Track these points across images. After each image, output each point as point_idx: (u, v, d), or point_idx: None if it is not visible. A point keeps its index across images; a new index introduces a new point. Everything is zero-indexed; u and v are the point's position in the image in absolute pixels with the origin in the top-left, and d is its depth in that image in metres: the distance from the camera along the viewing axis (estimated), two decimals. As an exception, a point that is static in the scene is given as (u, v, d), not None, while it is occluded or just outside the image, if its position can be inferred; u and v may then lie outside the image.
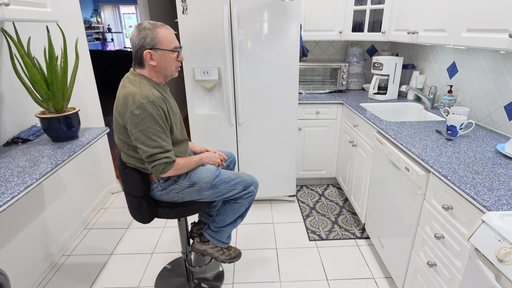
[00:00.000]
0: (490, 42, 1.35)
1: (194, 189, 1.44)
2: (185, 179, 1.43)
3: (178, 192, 1.44)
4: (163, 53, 1.29)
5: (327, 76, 2.97)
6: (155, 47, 1.27)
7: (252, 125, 2.34)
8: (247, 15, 2.05)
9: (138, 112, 1.22)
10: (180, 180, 1.43)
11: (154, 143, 1.26)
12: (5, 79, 1.63)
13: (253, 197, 1.58)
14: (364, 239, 2.17)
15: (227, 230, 1.63)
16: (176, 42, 1.33)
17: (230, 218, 1.59)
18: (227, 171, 1.56)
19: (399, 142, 1.57)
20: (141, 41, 1.27)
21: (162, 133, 1.28)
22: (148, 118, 1.23)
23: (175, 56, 1.33)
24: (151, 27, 1.27)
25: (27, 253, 1.75)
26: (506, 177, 1.18)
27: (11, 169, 1.28)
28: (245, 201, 1.56)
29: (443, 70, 2.19)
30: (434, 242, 1.30)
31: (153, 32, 1.26)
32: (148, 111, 1.23)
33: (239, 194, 1.52)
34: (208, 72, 2.17)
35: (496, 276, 0.86)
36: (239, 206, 1.57)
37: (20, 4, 1.31)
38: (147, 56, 1.27)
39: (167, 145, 1.31)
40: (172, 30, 1.34)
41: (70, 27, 2.23)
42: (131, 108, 1.23)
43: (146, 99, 1.23)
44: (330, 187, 2.89)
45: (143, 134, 1.25)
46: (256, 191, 1.58)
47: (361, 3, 2.52)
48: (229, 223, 1.61)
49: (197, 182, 1.44)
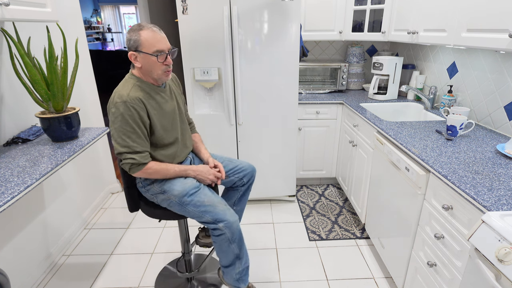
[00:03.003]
0: (490, 42, 1.35)
1: (164, 197, 1.40)
2: (158, 184, 1.40)
3: (153, 195, 1.43)
4: (145, 56, 1.28)
5: (327, 76, 2.97)
6: (138, 49, 1.28)
7: (252, 125, 2.34)
8: (247, 15, 2.05)
9: (113, 111, 1.27)
10: (155, 183, 1.41)
11: (123, 142, 1.28)
12: (5, 79, 1.63)
13: (224, 237, 1.35)
14: (364, 239, 2.17)
15: (230, 272, 1.47)
16: (161, 45, 1.28)
17: (224, 259, 1.45)
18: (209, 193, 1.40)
19: (399, 142, 1.57)
20: (128, 43, 1.29)
21: (132, 133, 1.28)
22: (120, 117, 1.26)
23: (155, 59, 1.28)
24: (136, 28, 1.28)
25: (27, 253, 1.75)
26: (506, 177, 1.18)
27: (11, 169, 1.28)
28: (216, 238, 1.38)
29: (443, 70, 2.19)
30: (434, 242, 1.30)
31: (136, 34, 1.27)
32: (120, 110, 1.25)
33: (208, 225, 1.39)
34: (208, 72, 2.17)
35: (496, 276, 0.86)
36: (217, 246, 1.41)
37: (20, 4, 1.31)
38: (131, 57, 1.30)
39: (137, 146, 1.29)
40: (160, 33, 1.30)
41: (70, 27, 2.23)
42: (109, 106, 1.29)
43: (120, 99, 1.26)
44: (330, 187, 2.89)
45: (115, 131, 1.28)
46: (230, 233, 1.35)
47: (361, 3, 2.52)
48: (227, 265, 1.46)
49: (167, 191, 1.38)
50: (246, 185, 1.67)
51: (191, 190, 1.38)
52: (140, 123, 1.29)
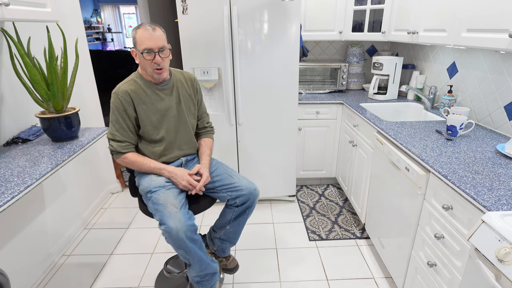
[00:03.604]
0: (490, 42, 1.35)
1: (140, 190, 1.46)
2: (137, 176, 1.52)
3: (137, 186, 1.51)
4: (138, 53, 1.38)
5: (327, 76, 2.97)
6: (135, 47, 1.39)
7: (252, 125, 2.34)
8: (247, 15, 2.05)
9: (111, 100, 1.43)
10: (137, 175, 1.53)
11: (110, 129, 1.43)
12: (5, 79, 1.63)
13: (167, 240, 1.27)
14: (364, 239, 2.17)
15: (189, 270, 1.46)
16: (149, 44, 1.32)
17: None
18: (170, 194, 1.35)
19: (399, 142, 1.57)
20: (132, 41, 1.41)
21: (116, 122, 1.41)
22: (111, 106, 1.42)
23: (145, 57, 1.34)
24: (136, 27, 1.37)
25: (27, 253, 1.75)
26: (506, 177, 1.18)
27: (11, 169, 1.28)
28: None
29: (443, 70, 2.19)
30: (434, 242, 1.30)
31: (134, 33, 1.37)
32: (111, 100, 1.41)
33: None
34: (208, 72, 2.17)
35: (496, 276, 0.86)
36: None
37: (20, 4, 1.31)
38: (133, 54, 1.41)
39: (117, 135, 1.41)
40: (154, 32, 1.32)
41: (70, 27, 2.23)
42: None
43: (114, 90, 1.41)
44: (330, 187, 2.89)
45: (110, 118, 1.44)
46: (171, 239, 1.26)
47: (361, 3, 2.52)
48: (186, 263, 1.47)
49: (140, 184, 1.46)
50: (241, 207, 1.51)
51: (155, 187, 1.38)
52: (124, 115, 1.40)
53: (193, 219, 1.33)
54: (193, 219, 1.33)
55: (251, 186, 1.51)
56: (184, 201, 1.38)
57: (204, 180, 1.45)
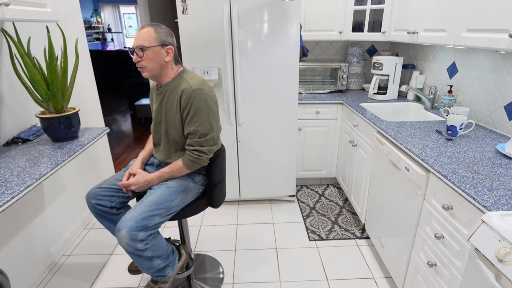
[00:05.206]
0: (490, 42, 1.35)
1: None
2: None
3: None
4: None
5: (327, 76, 2.97)
6: None
7: (252, 125, 2.34)
8: (247, 15, 2.06)
9: None
10: None
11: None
12: (5, 79, 1.63)
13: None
14: (364, 239, 2.17)
15: None
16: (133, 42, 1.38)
17: None
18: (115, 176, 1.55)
19: (399, 142, 1.57)
20: None
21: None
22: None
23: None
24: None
25: (27, 253, 1.75)
26: (506, 177, 1.18)
27: (11, 169, 1.28)
28: None
29: (443, 70, 2.19)
30: (434, 242, 1.30)
31: None
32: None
33: None
34: (208, 72, 2.17)
35: (496, 276, 0.86)
36: None
37: (20, 4, 1.31)
38: None
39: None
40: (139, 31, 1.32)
41: (70, 27, 2.23)
42: None
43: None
44: (330, 187, 2.89)
45: None
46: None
47: (361, 3, 2.52)
48: None
49: None
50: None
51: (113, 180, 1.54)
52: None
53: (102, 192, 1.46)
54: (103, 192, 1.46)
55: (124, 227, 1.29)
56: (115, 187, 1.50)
57: (130, 182, 1.43)
